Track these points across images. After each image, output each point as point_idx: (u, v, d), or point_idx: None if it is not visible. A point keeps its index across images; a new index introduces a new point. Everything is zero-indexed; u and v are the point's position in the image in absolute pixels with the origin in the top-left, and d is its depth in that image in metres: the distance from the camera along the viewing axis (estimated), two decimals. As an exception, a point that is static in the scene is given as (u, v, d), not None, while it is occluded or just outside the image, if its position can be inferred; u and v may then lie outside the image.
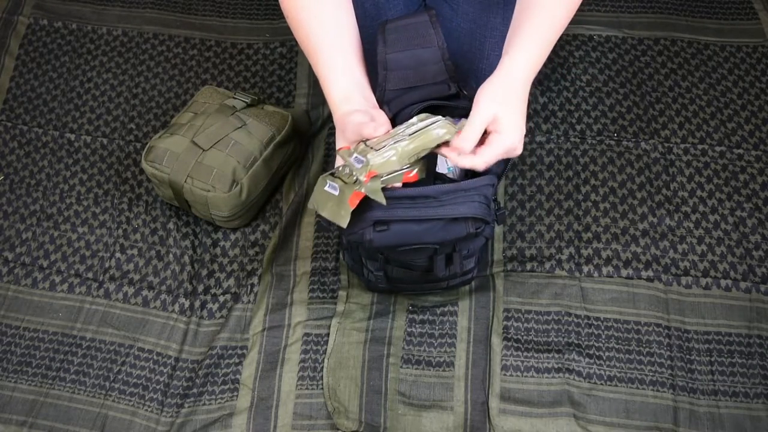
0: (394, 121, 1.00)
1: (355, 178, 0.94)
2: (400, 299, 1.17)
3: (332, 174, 0.97)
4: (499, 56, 0.99)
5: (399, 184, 0.96)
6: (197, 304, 1.20)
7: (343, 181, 0.95)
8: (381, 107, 1.00)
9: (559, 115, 1.36)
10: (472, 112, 0.92)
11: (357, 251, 1.09)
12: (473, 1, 1.12)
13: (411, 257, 1.05)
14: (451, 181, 1.05)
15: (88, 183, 1.33)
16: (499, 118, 0.92)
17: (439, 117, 0.96)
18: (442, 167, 1.05)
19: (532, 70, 0.97)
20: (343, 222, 0.93)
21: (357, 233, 0.98)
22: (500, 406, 1.08)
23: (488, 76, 0.97)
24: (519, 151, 0.95)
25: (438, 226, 0.98)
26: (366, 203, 0.95)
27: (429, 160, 1.01)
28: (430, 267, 1.06)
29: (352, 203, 0.94)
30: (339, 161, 0.99)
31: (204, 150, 1.20)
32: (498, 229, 1.24)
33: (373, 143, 0.95)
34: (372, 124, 0.94)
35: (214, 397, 1.11)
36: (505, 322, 1.15)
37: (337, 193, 0.95)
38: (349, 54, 1.01)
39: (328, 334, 1.14)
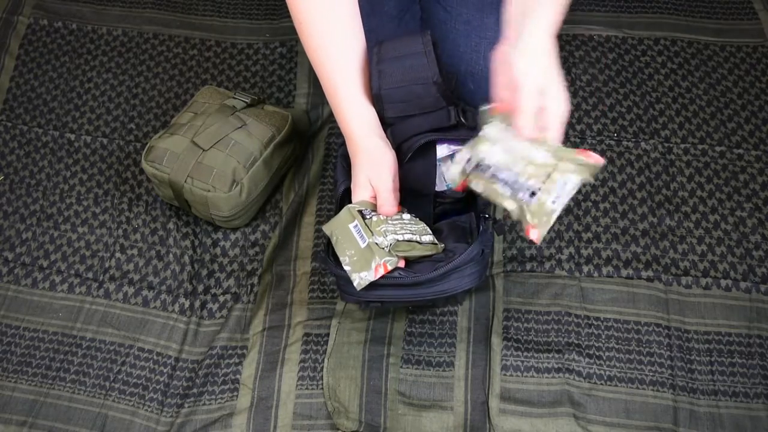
0: (400, 151, 1.01)
1: (387, 246, 0.93)
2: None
3: (360, 213, 0.96)
4: None
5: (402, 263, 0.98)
6: (197, 304, 1.20)
7: (370, 230, 0.94)
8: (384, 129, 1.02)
9: (560, 114, 1.36)
10: (521, 95, 0.88)
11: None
12: (467, 3, 1.12)
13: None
14: (446, 196, 1.06)
15: (88, 183, 1.33)
16: (546, 93, 0.89)
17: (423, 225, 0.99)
18: (440, 186, 1.05)
19: (555, 29, 0.94)
20: (361, 285, 0.94)
21: (351, 300, 1.03)
22: (500, 406, 1.08)
23: (485, 77, 0.95)
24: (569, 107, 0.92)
25: (431, 299, 1.04)
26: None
27: (429, 179, 1.02)
28: (433, 301, 1.10)
29: (377, 272, 0.93)
30: (360, 195, 0.99)
31: (204, 150, 1.20)
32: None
33: (372, 222, 0.95)
34: (388, 205, 0.98)
35: (214, 397, 1.11)
36: (505, 322, 1.15)
37: (363, 245, 0.94)
38: (361, 74, 1.01)
39: (328, 334, 1.14)
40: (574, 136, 1.34)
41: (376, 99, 1.00)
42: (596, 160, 0.89)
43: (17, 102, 1.44)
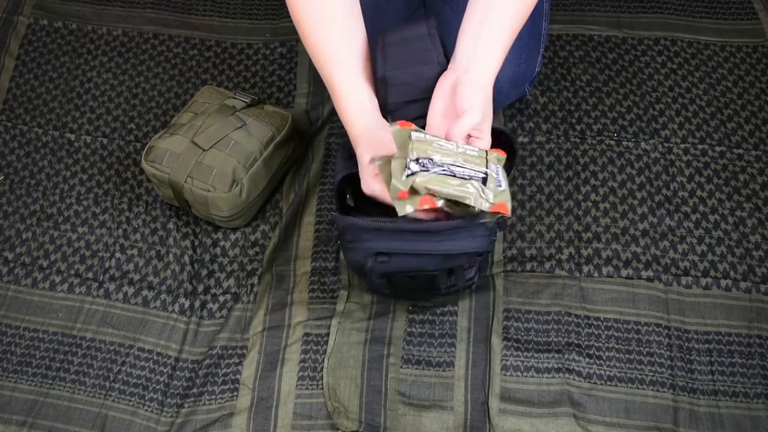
0: None
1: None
2: (401, 299, 1.17)
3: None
4: None
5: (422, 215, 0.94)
6: (197, 304, 1.20)
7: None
8: (384, 117, 1.00)
9: (559, 115, 1.36)
10: (457, 125, 0.93)
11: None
12: None
13: (412, 279, 1.06)
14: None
15: (88, 183, 1.33)
16: (483, 125, 0.95)
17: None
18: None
19: (496, 71, 0.99)
20: (401, 210, 0.90)
21: (357, 260, 0.99)
22: (500, 406, 1.08)
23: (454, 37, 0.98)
24: None
25: (440, 259, 0.99)
26: (367, 233, 0.96)
27: None
28: (433, 281, 1.07)
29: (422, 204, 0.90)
30: (367, 177, 0.97)
31: (204, 150, 1.20)
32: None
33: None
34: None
35: (214, 397, 1.11)
36: (505, 322, 1.15)
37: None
38: (360, 65, 1.01)
39: (328, 334, 1.14)
40: (574, 136, 1.34)
41: (381, 82, 1.00)
42: (501, 152, 0.97)
43: (17, 102, 1.44)
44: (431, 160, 0.89)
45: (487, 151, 0.95)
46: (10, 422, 1.10)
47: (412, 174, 0.88)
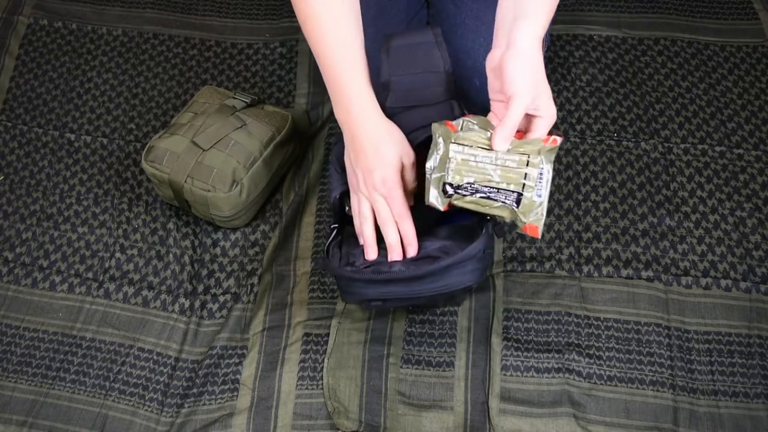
0: None
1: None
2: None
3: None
4: None
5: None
6: (197, 304, 1.20)
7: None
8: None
9: (559, 115, 1.36)
10: (510, 105, 0.88)
11: None
12: None
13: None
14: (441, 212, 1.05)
15: (88, 183, 1.33)
16: (537, 101, 0.89)
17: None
18: (433, 198, 1.04)
19: (542, 34, 0.93)
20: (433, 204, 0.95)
21: (351, 301, 1.02)
22: (500, 406, 1.08)
23: (464, 46, 0.96)
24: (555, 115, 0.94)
25: (433, 294, 1.00)
26: (358, 283, 0.98)
27: (421, 189, 1.01)
28: (433, 303, 1.09)
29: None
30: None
31: (204, 150, 1.20)
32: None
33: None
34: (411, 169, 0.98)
35: (214, 397, 1.11)
36: (505, 322, 1.15)
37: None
38: (364, 66, 1.00)
39: (328, 334, 1.14)
40: (574, 136, 1.34)
41: (384, 87, 0.99)
42: (554, 141, 0.92)
43: (17, 102, 1.44)
44: (470, 184, 0.93)
45: (529, 154, 0.91)
46: (10, 422, 1.10)
47: (449, 196, 0.94)
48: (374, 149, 0.97)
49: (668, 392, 1.09)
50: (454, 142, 0.93)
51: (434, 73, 0.99)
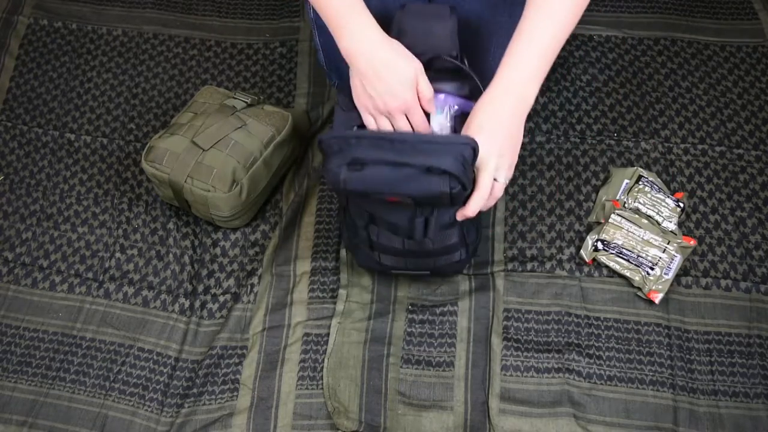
0: None
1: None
2: (400, 298, 1.17)
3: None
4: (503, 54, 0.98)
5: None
6: (197, 304, 1.20)
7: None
8: None
9: (559, 115, 1.36)
10: (478, 177, 0.95)
11: (349, 215, 1.09)
12: None
13: (390, 214, 1.04)
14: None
15: (88, 183, 1.33)
16: (501, 159, 0.95)
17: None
18: (435, 125, 1.04)
19: (532, 84, 0.97)
20: None
21: (333, 171, 0.96)
22: (500, 406, 1.08)
23: (493, 75, 0.96)
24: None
25: (412, 177, 0.96)
26: (347, 142, 0.96)
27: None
28: (412, 231, 1.05)
29: None
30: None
31: (204, 150, 1.20)
32: (499, 229, 1.24)
33: None
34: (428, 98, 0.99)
35: (214, 397, 1.11)
36: (505, 322, 1.15)
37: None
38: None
39: (328, 334, 1.14)
40: (575, 135, 1.34)
41: (396, 28, 1.03)
42: (691, 243, 1.19)
43: (17, 102, 1.44)
44: (617, 245, 1.18)
45: (670, 240, 1.18)
46: (10, 422, 1.10)
47: (597, 250, 1.18)
48: (387, 68, 0.98)
49: (668, 392, 1.09)
50: (617, 213, 1.20)
51: (443, 23, 1.03)
